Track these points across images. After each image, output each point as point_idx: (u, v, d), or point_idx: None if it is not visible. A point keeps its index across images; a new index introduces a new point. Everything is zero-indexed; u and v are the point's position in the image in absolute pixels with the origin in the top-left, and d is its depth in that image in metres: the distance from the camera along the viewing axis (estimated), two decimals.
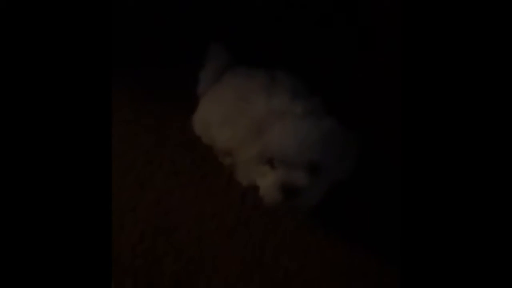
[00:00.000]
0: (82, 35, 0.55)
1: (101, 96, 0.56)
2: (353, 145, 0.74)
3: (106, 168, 0.56)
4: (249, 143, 0.73)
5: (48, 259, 0.51)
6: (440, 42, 0.55)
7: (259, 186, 0.83)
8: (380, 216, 0.91)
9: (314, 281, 0.83)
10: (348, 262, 0.85)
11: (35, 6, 0.53)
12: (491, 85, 0.52)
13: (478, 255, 0.50)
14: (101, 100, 0.56)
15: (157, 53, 1.10)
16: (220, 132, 0.88)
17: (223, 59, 0.98)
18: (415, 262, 0.53)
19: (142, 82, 1.12)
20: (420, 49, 0.56)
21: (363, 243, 0.87)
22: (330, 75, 1.12)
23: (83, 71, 0.55)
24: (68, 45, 0.54)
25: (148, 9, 1.27)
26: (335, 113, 0.79)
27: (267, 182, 0.70)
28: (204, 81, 0.98)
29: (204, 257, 0.87)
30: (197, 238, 0.89)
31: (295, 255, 0.86)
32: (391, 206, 0.91)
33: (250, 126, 0.74)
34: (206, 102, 0.95)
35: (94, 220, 0.54)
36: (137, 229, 0.90)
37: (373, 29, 1.13)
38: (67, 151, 0.53)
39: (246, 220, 0.91)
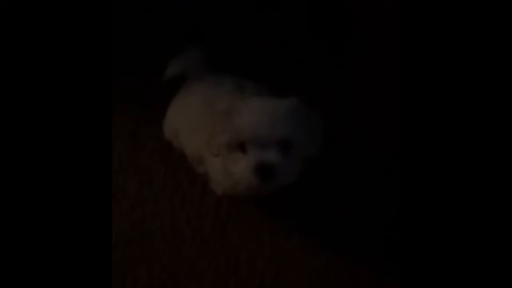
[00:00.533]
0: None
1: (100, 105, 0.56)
2: (318, 121, 0.75)
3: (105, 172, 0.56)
4: (216, 136, 0.72)
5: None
6: (440, 42, 0.55)
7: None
8: (359, 223, 0.93)
9: (290, 287, 0.84)
10: (324, 268, 0.86)
11: (33, 17, 0.53)
12: (491, 85, 0.52)
13: (478, 257, 0.51)
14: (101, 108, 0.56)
15: (134, 61, 1.10)
16: (188, 140, 0.88)
17: (195, 60, 0.98)
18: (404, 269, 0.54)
19: (115, 89, 1.10)
20: (420, 50, 0.56)
21: (341, 250, 0.89)
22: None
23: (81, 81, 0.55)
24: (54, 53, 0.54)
25: (137, 21, 1.26)
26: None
27: (241, 167, 0.69)
28: (170, 70, 0.98)
29: (178, 265, 0.87)
30: (171, 247, 0.89)
31: (270, 262, 0.87)
32: (369, 213, 0.94)
33: (215, 122, 0.74)
34: (174, 109, 0.95)
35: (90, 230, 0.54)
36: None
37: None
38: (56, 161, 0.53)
39: (220, 228, 0.91)
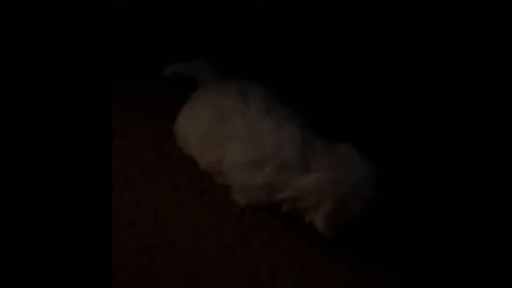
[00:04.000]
0: (82, 50, 0.56)
1: (101, 111, 0.57)
2: (371, 171, 0.76)
3: (106, 184, 0.57)
4: (241, 155, 0.74)
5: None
6: (439, 43, 0.55)
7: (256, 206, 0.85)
8: (381, 231, 0.92)
9: None
10: (348, 277, 0.86)
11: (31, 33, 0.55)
12: (491, 85, 0.52)
13: (478, 258, 0.51)
14: (101, 116, 0.57)
15: (158, 70, 1.13)
16: (200, 153, 0.90)
17: (200, 69, 1.04)
18: (418, 279, 0.53)
19: (143, 98, 1.14)
20: (419, 51, 0.56)
21: (362, 257, 0.88)
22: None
23: (82, 86, 0.56)
24: (70, 59, 0.56)
25: (150, 28, 1.30)
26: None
27: (257, 182, 0.76)
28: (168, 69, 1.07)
29: (200, 274, 0.87)
30: (194, 254, 0.90)
31: (292, 271, 0.87)
32: (392, 222, 0.92)
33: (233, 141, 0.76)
34: (183, 117, 0.97)
35: (93, 236, 0.54)
36: (134, 245, 0.90)
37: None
38: (66, 166, 0.54)
39: (243, 237, 0.92)
